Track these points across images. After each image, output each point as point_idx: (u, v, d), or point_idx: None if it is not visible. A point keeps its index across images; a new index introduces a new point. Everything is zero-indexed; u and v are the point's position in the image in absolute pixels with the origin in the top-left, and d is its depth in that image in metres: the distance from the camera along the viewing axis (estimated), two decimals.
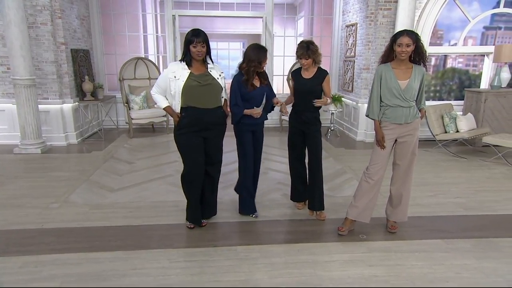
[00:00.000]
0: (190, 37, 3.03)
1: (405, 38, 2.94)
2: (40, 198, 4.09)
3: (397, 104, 3.08)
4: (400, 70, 3.07)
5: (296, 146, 3.73)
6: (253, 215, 3.69)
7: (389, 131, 3.18)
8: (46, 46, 6.14)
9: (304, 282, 2.68)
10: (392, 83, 3.05)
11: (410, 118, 3.12)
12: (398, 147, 3.25)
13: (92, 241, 3.20)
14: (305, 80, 3.49)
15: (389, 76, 3.06)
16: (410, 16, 6.18)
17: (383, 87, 3.11)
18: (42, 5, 6.02)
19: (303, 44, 3.39)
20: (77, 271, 2.75)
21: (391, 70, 3.07)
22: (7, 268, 2.77)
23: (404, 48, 2.95)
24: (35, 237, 3.27)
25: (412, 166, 3.30)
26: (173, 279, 2.68)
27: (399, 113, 3.10)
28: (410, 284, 2.67)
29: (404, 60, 3.05)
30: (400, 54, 2.98)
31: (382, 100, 3.15)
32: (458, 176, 5.07)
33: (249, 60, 3.30)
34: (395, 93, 3.06)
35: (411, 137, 3.18)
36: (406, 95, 3.06)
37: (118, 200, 4.07)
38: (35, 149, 5.90)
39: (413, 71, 3.06)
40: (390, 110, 3.12)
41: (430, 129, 6.26)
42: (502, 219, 3.76)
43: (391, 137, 3.19)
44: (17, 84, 5.72)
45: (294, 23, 10.00)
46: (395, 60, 3.08)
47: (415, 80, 3.05)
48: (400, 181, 3.32)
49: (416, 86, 3.08)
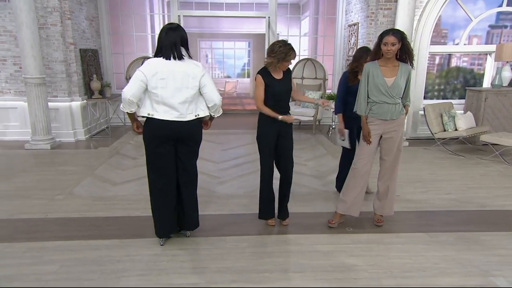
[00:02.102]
0: None
1: (390, 37, 3.06)
2: (47, 190, 4.33)
3: (383, 101, 3.21)
4: (387, 68, 3.19)
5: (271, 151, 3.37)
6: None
7: (375, 126, 3.30)
8: (56, 46, 6.40)
9: (286, 269, 2.83)
10: (379, 80, 3.17)
11: (395, 114, 3.25)
12: (384, 142, 3.37)
13: (92, 230, 3.41)
14: (279, 80, 3.26)
15: (376, 73, 3.18)
16: (410, 15, 6.25)
17: (370, 84, 3.23)
18: (53, 7, 6.28)
19: (291, 46, 3.21)
20: (76, 256, 2.96)
21: (379, 68, 3.19)
22: (13, 253, 2.99)
23: (390, 47, 3.07)
24: (40, 225, 3.49)
25: (397, 161, 3.42)
26: (164, 265, 2.86)
27: (385, 110, 3.23)
28: (388, 273, 2.80)
29: (391, 58, 3.17)
30: (386, 52, 3.10)
31: (369, 97, 3.27)
32: (453, 173, 5.15)
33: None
34: (381, 90, 3.18)
35: (396, 133, 3.31)
36: (392, 92, 3.18)
37: (119, 193, 4.28)
38: (44, 145, 6.16)
39: (399, 69, 3.19)
40: (377, 106, 3.24)
41: (429, 128, 6.34)
42: (489, 215, 3.84)
43: (377, 133, 3.32)
44: (28, 82, 5.99)
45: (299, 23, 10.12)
46: (382, 58, 3.20)
47: (401, 78, 3.18)
48: (386, 176, 3.45)
49: (402, 83, 3.21)
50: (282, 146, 3.38)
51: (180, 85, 2.76)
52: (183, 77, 2.76)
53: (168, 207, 3.06)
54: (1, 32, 6.42)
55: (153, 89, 2.75)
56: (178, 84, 2.75)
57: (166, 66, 2.75)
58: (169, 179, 3.01)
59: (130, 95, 2.75)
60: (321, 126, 8.14)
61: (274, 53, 3.11)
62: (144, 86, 2.76)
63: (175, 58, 2.76)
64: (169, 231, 3.18)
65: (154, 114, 2.81)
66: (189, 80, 2.78)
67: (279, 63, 3.13)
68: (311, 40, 10.03)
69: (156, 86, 2.74)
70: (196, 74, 2.81)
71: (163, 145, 2.89)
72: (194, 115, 2.89)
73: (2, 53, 6.49)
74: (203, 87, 2.84)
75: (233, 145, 6.62)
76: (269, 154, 3.38)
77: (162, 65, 2.75)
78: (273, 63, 3.14)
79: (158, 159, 2.94)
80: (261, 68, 3.27)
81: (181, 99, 2.77)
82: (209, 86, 2.87)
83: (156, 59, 2.80)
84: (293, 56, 3.16)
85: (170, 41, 2.76)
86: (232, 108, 10.71)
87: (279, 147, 3.38)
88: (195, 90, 2.82)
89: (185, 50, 2.85)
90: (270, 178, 3.46)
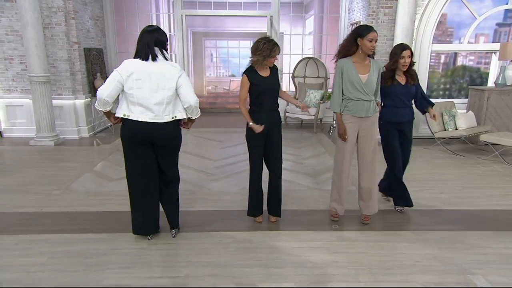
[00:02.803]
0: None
1: (374, 33, 3.08)
2: (45, 186, 4.45)
3: (359, 98, 3.22)
4: (360, 65, 3.20)
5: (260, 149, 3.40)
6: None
7: (350, 124, 3.31)
8: (60, 45, 6.56)
9: (266, 264, 2.87)
10: (354, 77, 3.18)
11: (370, 111, 3.26)
12: (360, 140, 3.39)
13: (83, 224, 3.50)
14: (266, 78, 3.29)
15: (350, 70, 3.19)
16: (410, 13, 6.21)
17: (345, 81, 3.24)
18: (57, 7, 6.44)
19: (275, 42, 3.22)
20: (64, 249, 3.05)
21: (352, 64, 3.20)
22: (5, 245, 3.10)
23: (374, 44, 3.08)
24: (34, 219, 3.61)
25: (375, 158, 3.42)
26: (148, 258, 2.93)
27: (361, 107, 3.24)
28: (366, 270, 2.82)
29: (365, 55, 3.19)
30: (370, 49, 3.11)
31: (344, 94, 3.28)
32: (450, 173, 5.11)
33: None
34: (357, 87, 3.20)
35: (371, 130, 3.33)
36: (367, 89, 3.20)
37: (114, 189, 4.38)
38: (48, 142, 6.32)
39: (371, 66, 3.21)
40: (352, 103, 3.25)
41: (429, 127, 6.28)
42: (478, 214, 3.82)
43: (353, 130, 3.33)
44: (32, 81, 6.15)
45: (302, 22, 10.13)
46: (356, 55, 3.21)
47: (374, 74, 3.21)
48: (365, 174, 3.44)
49: (375, 80, 3.23)
50: (270, 144, 3.41)
51: (156, 86, 2.79)
52: (159, 78, 2.79)
53: (145, 207, 3.11)
54: (8, 31, 6.60)
55: (129, 90, 2.79)
56: (154, 85, 2.79)
57: (142, 67, 2.78)
58: (147, 180, 3.05)
59: (105, 95, 2.79)
60: (322, 125, 8.14)
61: (259, 50, 3.14)
62: (121, 87, 2.80)
63: (148, 59, 2.80)
64: (147, 230, 3.20)
65: (130, 115, 2.84)
66: (165, 81, 2.80)
67: (265, 60, 3.17)
68: (316, 39, 10.03)
69: (132, 87, 2.78)
70: (173, 75, 2.82)
71: (140, 146, 2.92)
72: (171, 116, 2.89)
73: (9, 52, 6.68)
74: (179, 87, 2.84)
75: (233, 143, 6.67)
76: (258, 153, 3.42)
77: (138, 65, 2.78)
78: (259, 60, 3.18)
79: (135, 160, 2.98)
80: (247, 68, 3.31)
81: (157, 100, 2.81)
82: (185, 87, 2.86)
83: (132, 59, 2.84)
84: (278, 51, 3.19)
85: (143, 42, 2.81)
86: (236, 106, 10.75)
87: (268, 146, 3.42)
88: (171, 91, 2.83)
89: (160, 51, 2.85)
90: (259, 176, 3.50)
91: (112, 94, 2.81)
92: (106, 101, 2.82)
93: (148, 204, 3.12)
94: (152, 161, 3.03)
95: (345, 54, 3.26)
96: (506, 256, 3.02)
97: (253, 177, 3.49)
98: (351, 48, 3.20)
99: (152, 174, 3.06)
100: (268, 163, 3.51)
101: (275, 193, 3.54)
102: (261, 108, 3.32)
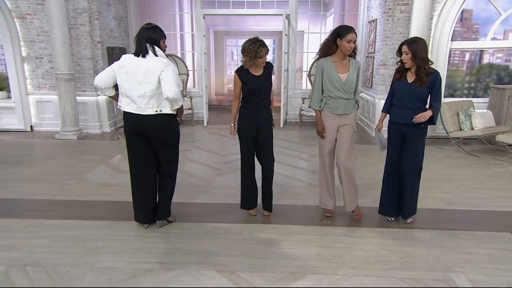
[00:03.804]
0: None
1: (353, 35, 3.12)
2: (62, 176, 4.78)
3: (339, 96, 3.29)
4: (340, 64, 3.26)
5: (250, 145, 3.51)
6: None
7: (330, 121, 3.37)
8: (84, 44, 6.95)
9: (251, 255, 2.99)
10: (334, 76, 3.24)
11: (348, 109, 3.33)
12: (339, 134, 3.42)
13: (88, 212, 3.76)
14: (257, 77, 3.38)
15: (330, 69, 3.25)
16: (426, 10, 6.09)
17: (325, 80, 3.30)
18: (82, 8, 6.82)
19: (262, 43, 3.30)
20: (67, 233, 3.30)
21: (332, 64, 3.26)
22: (15, 227, 3.40)
23: (353, 44, 3.13)
24: (46, 205, 3.90)
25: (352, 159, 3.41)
26: (141, 245, 3.12)
27: (340, 104, 3.30)
28: (348, 264, 2.87)
29: (344, 54, 3.24)
30: (348, 50, 3.16)
31: (325, 92, 3.35)
32: (458, 173, 5.00)
33: None
34: (336, 86, 3.25)
35: (349, 127, 3.38)
36: (346, 88, 3.26)
37: (123, 180, 4.62)
38: (72, 135, 6.72)
39: (351, 65, 3.26)
40: (332, 100, 3.32)
41: (444, 126, 6.16)
42: (477, 215, 3.75)
43: (333, 127, 3.38)
44: (58, 78, 6.57)
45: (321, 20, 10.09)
46: (335, 54, 3.26)
47: (353, 73, 3.26)
48: (341, 151, 3.40)
49: (354, 78, 3.28)
50: (261, 141, 3.53)
51: (141, 79, 2.97)
52: (144, 72, 2.97)
53: (141, 198, 3.33)
54: (39, 32, 7.06)
55: (120, 81, 3.04)
56: (139, 78, 2.97)
57: (132, 61, 2.99)
58: (141, 171, 3.27)
59: (97, 81, 3.13)
60: None
61: (246, 51, 3.27)
62: (114, 75, 3.09)
63: (139, 55, 2.99)
64: (143, 219, 3.40)
65: (120, 105, 3.13)
66: (149, 75, 2.96)
67: (252, 61, 3.28)
68: None
69: (122, 79, 3.02)
70: (156, 69, 2.96)
71: (134, 137, 3.18)
72: (154, 110, 3.05)
73: (39, 51, 7.15)
74: (161, 80, 2.98)
75: None
76: (248, 148, 3.54)
77: (129, 60, 3.02)
78: (247, 61, 3.30)
79: (131, 151, 3.25)
80: (239, 67, 3.44)
81: (140, 93, 2.99)
82: (165, 80, 2.96)
83: (129, 54, 3.08)
84: (264, 52, 3.27)
85: (137, 39, 3.02)
86: None
87: (259, 143, 3.54)
88: (154, 85, 2.98)
89: (151, 48, 3.01)
90: (251, 171, 3.63)
91: (103, 80, 3.12)
92: (98, 86, 3.15)
93: (143, 195, 3.33)
94: (146, 153, 3.23)
95: (325, 53, 3.31)
96: (494, 256, 2.98)
97: (244, 172, 3.62)
98: (331, 48, 3.25)
99: (146, 166, 3.27)
100: (260, 160, 3.63)
101: (267, 189, 3.65)
102: (251, 105, 3.45)
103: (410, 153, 3.32)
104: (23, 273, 2.72)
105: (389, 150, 3.49)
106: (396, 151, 3.41)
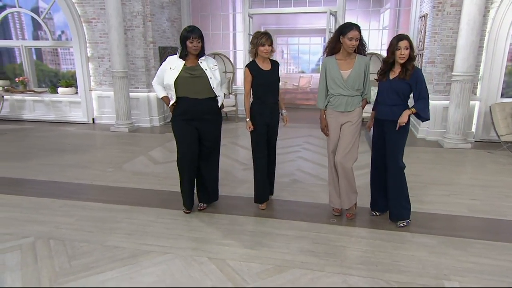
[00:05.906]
0: (186, 34, 3.40)
1: (355, 32, 3.07)
2: (104, 164, 5.29)
3: (339, 93, 3.25)
4: (344, 61, 3.22)
5: (263, 141, 3.69)
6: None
7: (333, 118, 3.37)
8: (138, 44, 7.53)
9: (245, 246, 3.10)
10: (335, 74, 3.22)
11: (350, 106, 3.25)
12: (340, 134, 3.39)
13: (116, 196, 4.15)
14: (266, 71, 3.53)
15: (332, 67, 3.24)
16: (478, 3, 5.66)
17: (328, 78, 3.29)
18: (137, 11, 7.39)
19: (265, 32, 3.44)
20: (91, 214, 3.69)
21: (335, 62, 3.23)
22: (52, 206, 3.88)
23: (355, 42, 3.08)
24: (83, 189, 4.38)
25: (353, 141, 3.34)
26: (150, 229, 3.39)
27: (340, 101, 3.27)
28: (338, 262, 2.86)
29: (348, 52, 3.18)
30: (350, 47, 3.12)
31: (328, 90, 3.34)
32: (498, 180, 4.61)
33: None
34: (337, 83, 3.23)
35: (351, 124, 3.31)
36: (347, 84, 3.20)
37: (155, 171, 5.00)
38: (124, 128, 7.34)
39: (356, 62, 3.18)
40: (333, 98, 3.31)
41: (495, 129, 5.68)
42: (498, 224, 3.48)
43: (336, 124, 3.37)
44: (114, 75, 7.21)
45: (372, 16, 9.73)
46: (340, 52, 3.22)
47: (357, 70, 3.18)
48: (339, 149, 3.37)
49: (360, 75, 3.21)
50: (269, 135, 3.67)
51: None
52: None
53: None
54: (102, 34, 7.79)
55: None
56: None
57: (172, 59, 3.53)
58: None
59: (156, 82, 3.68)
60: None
61: (252, 43, 3.50)
62: None
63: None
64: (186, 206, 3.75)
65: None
66: None
67: (255, 49, 3.47)
68: (391, 34, 9.56)
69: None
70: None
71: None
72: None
73: (101, 52, 7.89)
74: None
75: (284, 137, 6.87)
76: (262, 144, 3.67)
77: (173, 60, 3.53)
78: (253, 50, 3.51)
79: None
80: (250, 61, 3.58)
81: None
82: None
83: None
84: (265, 39, 3.39)
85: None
86: (305, 103, 10.86)
87: (268, 137, 3.67)
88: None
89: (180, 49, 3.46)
90: (265, 167, 3.75)
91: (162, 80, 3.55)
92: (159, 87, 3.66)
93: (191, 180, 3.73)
94: (195, 139, 3.61)
95: (331, 52, 3.30)
96: (502, 268, 2.76)
97: (258, 167, 3.74)
98: (335, 46, 3.23)
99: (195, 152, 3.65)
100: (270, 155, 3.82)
101: (271, 175, 3.95)
102: (262, 101, 3.58)
103: (389, 150, 3.32)
104: (46, 244, 3.13)
105: (374, 146, 3.49)
106: (380, 147, 3.40)
